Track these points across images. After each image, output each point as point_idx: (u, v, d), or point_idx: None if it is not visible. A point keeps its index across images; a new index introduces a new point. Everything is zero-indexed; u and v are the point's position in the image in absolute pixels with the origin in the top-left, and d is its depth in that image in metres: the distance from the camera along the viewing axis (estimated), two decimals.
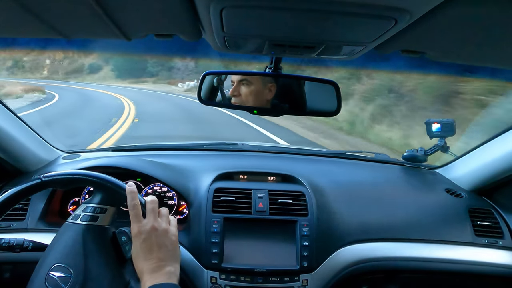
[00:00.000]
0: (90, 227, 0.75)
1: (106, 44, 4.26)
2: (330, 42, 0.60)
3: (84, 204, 0.79)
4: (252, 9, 0.47)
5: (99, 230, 0.76)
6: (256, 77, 0.95)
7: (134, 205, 0.73)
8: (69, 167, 1.28)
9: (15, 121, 1.21)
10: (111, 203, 0.78)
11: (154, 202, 0.76)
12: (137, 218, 0.72)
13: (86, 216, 0.76)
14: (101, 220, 0.76)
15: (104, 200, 0.78)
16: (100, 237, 0.75)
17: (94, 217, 0.76)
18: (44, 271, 0.70)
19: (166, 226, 0.75)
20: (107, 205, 0.78)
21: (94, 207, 0.77)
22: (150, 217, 0.73)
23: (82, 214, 0.76)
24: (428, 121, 1.41)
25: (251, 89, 0.94)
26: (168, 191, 1.26)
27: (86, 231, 0.74)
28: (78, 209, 0.78)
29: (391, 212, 1.21)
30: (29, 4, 0.50)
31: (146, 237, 0.71)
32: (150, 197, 0.77)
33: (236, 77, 0.96)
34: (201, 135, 6.80)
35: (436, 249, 1.14)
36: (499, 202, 1.28)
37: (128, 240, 0.76)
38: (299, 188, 1.19)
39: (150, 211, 0.74)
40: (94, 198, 0.79)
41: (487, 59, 0.68)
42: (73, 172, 0.81)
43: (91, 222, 0.75)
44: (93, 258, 0.72)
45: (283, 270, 1.02)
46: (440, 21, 0.49)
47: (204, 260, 1.04)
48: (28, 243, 0.81)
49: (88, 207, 0.77)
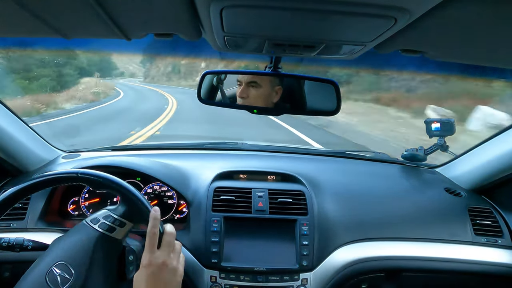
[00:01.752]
0: (104, 236, 0.74)
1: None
2: (330, 42, 0.60)
3: (106, 210, 0.78)
4: (252, 8, 0.47)
5: (111, 241, 0.75)
6: (265, 80, 0.94)
7: (153, 233, 0.71)
8: (69, 167, 1.28)
9: (15, 121, 1.21)
10: (131, 219, 0.77)
11: (172, 235, 0.74)
12: (152, 247, 0.71)
13: (105, 224, 0.75)
14: (117, 233, 0.75)
15: (127, 214, 0.77)
16: (110, 249, 0.75)
17: (111, 228, 0.75)
18: (48, 264, 0.70)
19: (176, 264, 0.73)
20: (127, 220, 0.77)
21: (115, 218, 0.76)
22: (164, 251, 0.71)
23: (102, 221, 0.76)
24: (428, 120, 1.41)
25: (260, 92, 0.94)
26: (168, 190, 1.26)
27: (99, 238, 0.74)
28: (99, 213, 0.78)
29: (391, 211, 1.21)
30: (29, 3, 0.50)
31: (155, 270, 0.69)
32: (170, 228, 0.75)
33: (244, 78, 0.94)
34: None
35: (435, 248, 1.14)
36: (499, 201, 1.28)
37: (135, 260, 0.75)
38: (298, 187, 1.19)
39: (166, 245, 0.72)
40: (118, 208, 0.78)
41: (486, 59, 0.68)
42: (110, 178, 0.78)
43: (107, 232, 0.74)
44: (97, 267, 0.71)
45: (283, 269, 1.03)
46: (439, 20, 0.49)
47: (204, 259, 1.04)
48: (28, 243, 0.81)
49: (109, 216, 0.76)
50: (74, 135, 5.90)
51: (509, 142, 1.17)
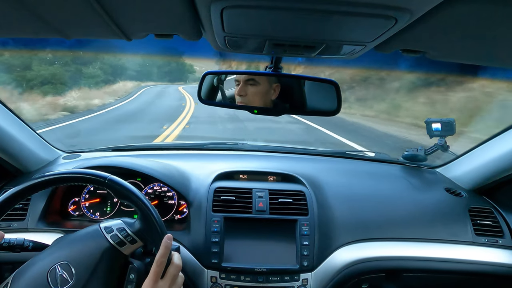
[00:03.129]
0: (113, 248, 0.74)
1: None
2: (330, 42, 0.60)
3: (122, 222, 0.78)
4: (253, 9, 0.47)
5: (118, 256, 0.75)
6: (263, 78, 0.94)
7: (161, 262, 0.70)
8: (70, 167, 1.28)
9: (16, 122, 1.21)
10: (143, 239, 0.77)
11: (178, 268, 0.74)
12: (156, 276, 0.70)
13: (117, 237, 0.75)
14: (126, 249, 0.75)
15: (141, 233, 0.76)
16: (115, 262, 0.74)
17: (122, 242, 0.75)
18: (53, 261, 0.70)
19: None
20: (139, 238, 0.77)
21: (128, 234, 0.76)
22: (167, 282, 0.71)
23: (115, 232, 0.75)
24: (428, 121, 1.41)
25: (258, 89, 0.94)
26: (168, 190, 1.26)
27: (108, 249, 0.74)
28: (114, 223, 0.77)
29: (391, 211, 1.21)
30: (30, 3, 0.50)
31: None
32: (177, 260, 0.74)
33: (242, 77, 0.95)
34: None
35: (436, 248, 1.14)
36: (499, 201, 1.28)
37: (135, 280, 0.74)
38: (299, 188, 1.19)
39: (170, 277, 0.71)
40: (134, 224, 0.77)
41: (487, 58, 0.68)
42: (137, 193, 0.77)
43: (117, 245, 0.74)
44: (98, 277, 0.71)
45: (283, 270, 1.02)
46: (440, 20, 0.49)
47: (204, 259, 1.04)
48: (28, 243, 0.81)
49: (123, 229, 0.76)
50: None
51: (509, 142, 1.16)
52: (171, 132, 6.50)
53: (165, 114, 9.66)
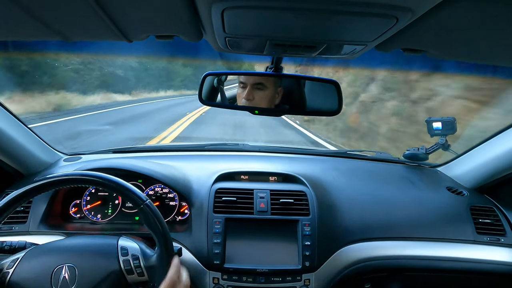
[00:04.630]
0: (121, 274, 0.74)
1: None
2: (331, 42, 0.60)
3: (139, 249, 0.77)
4: (254, 9, 0.47)
5: (122, 282, 0.74)
6: (270, 82, 0.93)
7: (174, 281, 0.71)
8: (71, 169, 1.28)
9: (16, 124, 1.21)
10: (152, 276, 0.76)
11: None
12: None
13: (129, 264, 0.75)
14: (132, 278, 0.75)
15: (153, 270, 0.75)
16: (117, 287, 0.74)
17: (131, 271, 0.74)
18: (64, 258, 0.70)
19: None
20: (149, 274, 0.75)
21: (140, 266, 0.75)
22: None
23: (129, 258, 0.75)
24: (429, 120, 1.41)
25: (265, 94, 0.93)
26: (169, 192, 1.26)
27: (115, 273, 0.73)
28: (132, 246, 0.77)
29: (393, 210, 1.21)
30: (29, 5, 0.50)
31: None
32: (186, 280, 0.75)
33: (250, 81, 0.94)
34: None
35: (437, 247, 1.14)
36: (501, 199, 1.28)
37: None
38: (300, 188, 1.19)
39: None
40: (151, 259, 0.77)
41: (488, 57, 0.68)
42: (162, 222, 0.77)
43: (126, 272, 0.74)
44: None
45: (285, 270, 1.02)
46: (441, 19, 0.49)
47: (206, 260, 1.04)
48: (30, 246, 0.81)
49: (138, 259, 0.76)
50: None
51: (510, 140, 1.16)
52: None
53: None
